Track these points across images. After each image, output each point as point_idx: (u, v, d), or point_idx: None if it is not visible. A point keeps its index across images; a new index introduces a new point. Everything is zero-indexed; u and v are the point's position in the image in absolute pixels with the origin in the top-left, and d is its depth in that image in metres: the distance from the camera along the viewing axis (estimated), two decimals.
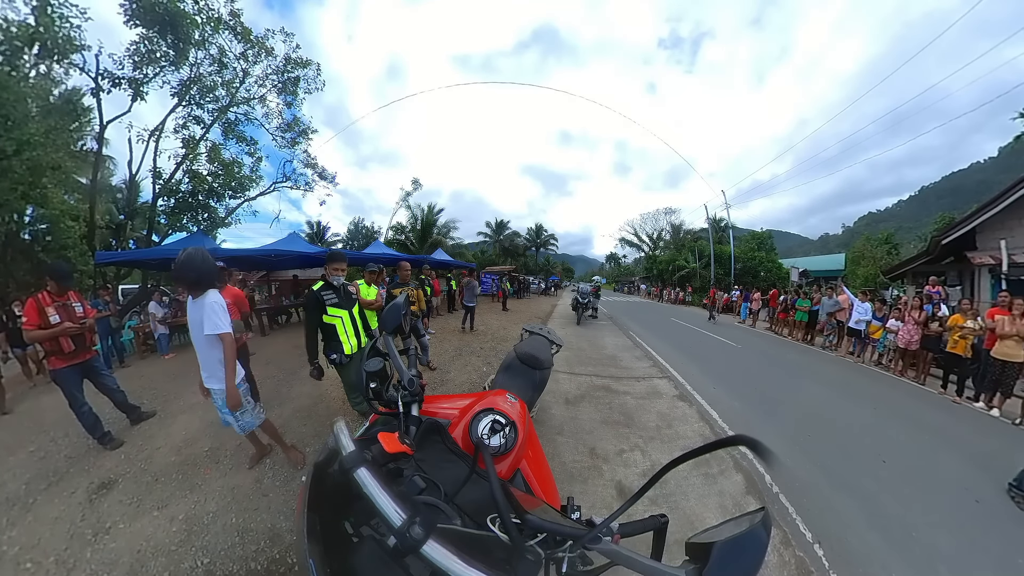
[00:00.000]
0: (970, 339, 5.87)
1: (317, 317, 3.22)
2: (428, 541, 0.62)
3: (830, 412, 4.98)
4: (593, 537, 0.78)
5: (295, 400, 4.61)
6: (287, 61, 15.45)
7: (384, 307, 1.54)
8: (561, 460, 3.32)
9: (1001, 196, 9.48)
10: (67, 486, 2.91)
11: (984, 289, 9.91)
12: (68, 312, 3.55)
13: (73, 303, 3.64)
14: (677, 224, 44.97)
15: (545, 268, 51.01)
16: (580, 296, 12.62)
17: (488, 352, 7.32)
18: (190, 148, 14.31)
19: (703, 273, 31.20)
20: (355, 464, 0.73)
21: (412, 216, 33.47)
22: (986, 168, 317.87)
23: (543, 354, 2.59)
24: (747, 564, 0.62)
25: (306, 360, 3.29)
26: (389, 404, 1.22)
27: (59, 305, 3.51)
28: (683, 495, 2.91)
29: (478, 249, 44.46)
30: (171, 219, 14.74)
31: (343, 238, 39.54)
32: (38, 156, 9.08)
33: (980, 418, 5.08)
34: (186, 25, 11.94)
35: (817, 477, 3.29)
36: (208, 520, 2.52)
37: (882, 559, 2.36)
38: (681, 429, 4.19)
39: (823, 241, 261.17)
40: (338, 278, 3.29)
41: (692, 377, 6.25)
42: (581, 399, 4.95)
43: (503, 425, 1.36)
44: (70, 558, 2.21)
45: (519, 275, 28.22)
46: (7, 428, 4.27)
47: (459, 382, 5.48)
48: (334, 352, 3.25)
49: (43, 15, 9.68)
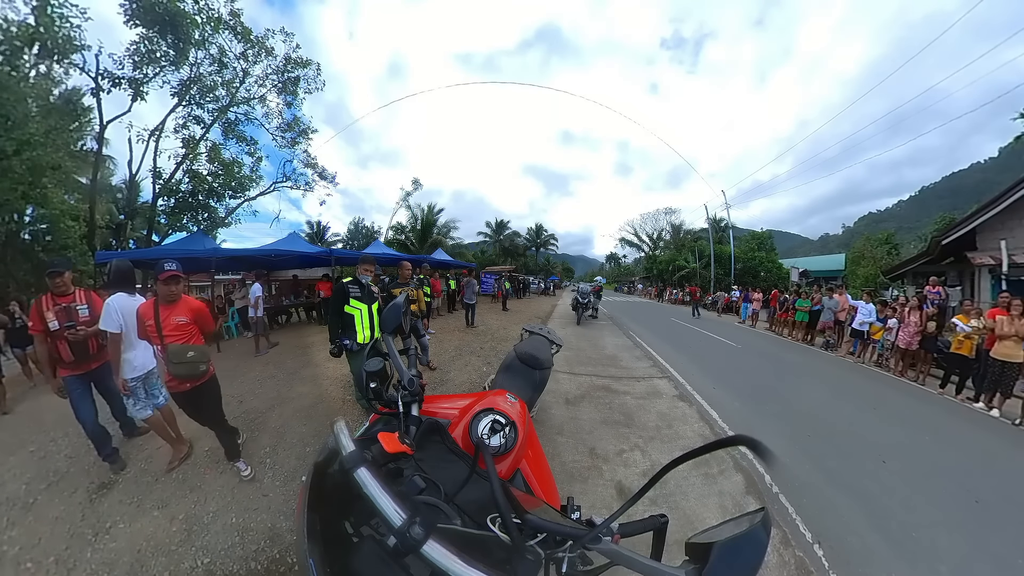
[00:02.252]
0: (974, 339, 5.84)
1: (340, 305, 3.64)
2: (428, 541, 0.62)
3: (830, 412, 4.98)
4: (593, 537, 0.78)
5: (295, 400, 4.61)
6: (287, 61, 15.47)
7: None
8: (561, 460, 3.32)
9: (1001, 196, 9.47)
10: (67, 486, 2.91)
11: (984, 290, 9.90)
12: (70, 315, 3.16)
13: (77, 305, 3.25)
14: (677, 224, 45.04)
15: (545, 268, 51.01)
16: (580, 296, 12.62)
17: (488, 352, 7.32)
18: (190, 148, 14.32)
19: (703, 273, 31.21)
20: (355, 464, 0.73)
21: (412, 216, 33.53)
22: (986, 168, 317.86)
23: (543, 354, 2.59)
24: (747, 564, 0.62)
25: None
26: (389, 404, 1.22)
27: (60, 308, 3.15)
28: (683, 495, 2.91)
29: (478, 249, 44.46)
30: (171, 219, 14.75)
31: (343, 238, 39.56)
32: (38, 156, 9.09)
33: (980, 418, 5.08)
34: (186, 25, 11.95)
35: (817, 477, 3.29)
36: (208, 520, 2.52)
37: (882, 559, 2.36)
38: (681, 429, 4.19)
39: (823, 241, 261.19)
40: (365, 276, 3.79)
41: (692, 377, 6.25)
42: (581, 399, 4.95)
43: (503, 425, 1.36)
44: (70, 558, 2.21)
45: (519, 275, 28.23)
46: (7, 428, 4.27)
47: (459, 382, 5.48)
48: (348, 338, 3.59)
49: (43, 15, 9.69)
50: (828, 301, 10.17)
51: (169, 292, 2.73)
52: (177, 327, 2.73)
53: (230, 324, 9.59)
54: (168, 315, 2.71)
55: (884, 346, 7.96)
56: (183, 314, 2.77)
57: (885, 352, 7.96)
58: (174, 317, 2.72)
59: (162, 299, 2.74)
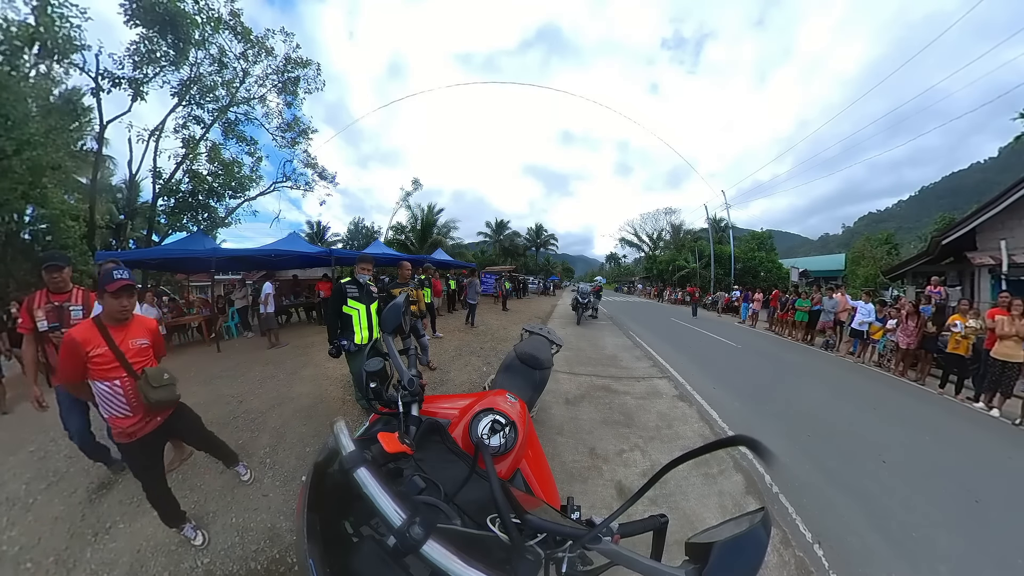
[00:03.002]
0: (971, 339, 5.86)
1: (337, 306, 3.61)
2: (428, 541, 0.62)
3: (830, 412, 4.98)
4: (593, 537, 0.78)
5: (295, 400, 4.61)
6: (287, 61, 15.47)
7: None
8: (561, 460, 3.32)
9: (1001, 196, 9.48)
10: (67, 486, 2.91)
11: (984, 289, 9.91)
12: (61, 315, 2.84)
13: (71, 306, 2.92)
14: (677, 224, 45.08)
15: (545, 268, 51.03)
16: (580, 296, 12.63)
17: (488, 352, 7.32)
18: (190, 148, 14.32)
19: (703, 273, 31.21)
20: (355, 464, 0.73)
21: (412, 216, 33.55)
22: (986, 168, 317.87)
23: (543, 354, 2.59)
24: (747, 564, 0.62)
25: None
26: (389, 404, 1.22)
27: (52, 307, 2.82)
28: (683, 495, 2.91)
29: (478, 249, 44.48)
30: (171, 219, 14.76)
31: (343, 238, 39.56)
32: (38, 156, 9.09)
33: (980, 418, 5.08)
34: (186, 25, 11.96)
35: (817, 477, 3.29)
36: (208, 520, 2.52)
37: (882, 559, 2.36)
38: (681, 429, 4.19)
39: (823, 241, 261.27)
40: (363, 276, 3.72)
41: (692, 377, 6.25)
42: (581, 399, 4.95)
43: (503, 425, 1.36)
44: (70, 558, 2.21)
45: (518, 275, 28.25)
46: (7, 428, 4.27)
47: (459, 382, 5.48)
48: (346, 339, 3.55)
49: (43, 15, 9.69)
50: (828, 301, 10.18)
51: (121, 308, 2.08)
52: (140, 352, 2.17)
53: (230, 324, 9.61)
54: (125, 338, 2.11)
55: (886, 346, 7.97)
56: (141, 335, 2.21)
57: (886, 352, 7.96)
58: (133, 340, 2.15)
59: (110, 317, 2.09)
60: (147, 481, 2.24)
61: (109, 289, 2.01)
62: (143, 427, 2.18)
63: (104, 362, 2.03)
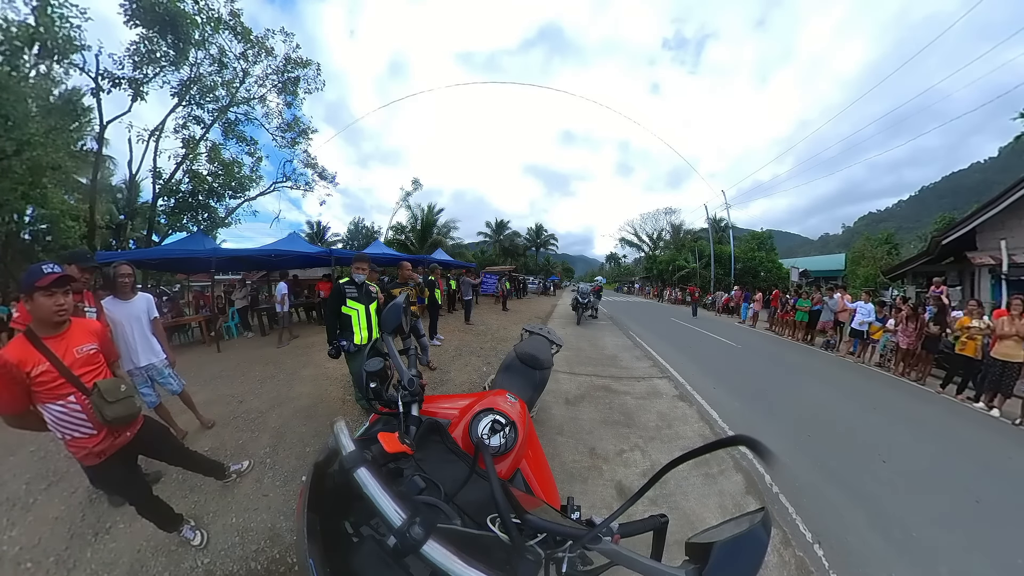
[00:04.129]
0: (979, 340, 5.80)
1: (336, 306, 3.60)
2: (428, 541, 0.62)
3: (830, 412, 4.98)
4: (593, 537, 0.78)
5: (295, 400, 4.61)
6: (287, 61, 15.47)
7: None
8: (561, 460, 3.32)
9: (1001, 196, 9.48)
10: (67, 486, 2.90)
11: (984, 289, 9.91)
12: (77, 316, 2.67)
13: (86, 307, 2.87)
14: (677, 224, 45.09)
15: (545, 268, 51.03)
16: (580, 296, 12.63)
17: (488, 352, 7.31)
18: (190, 148, 14.32)
19: (703, 273, 31.21)
20: (355, 464, 0.73)
21: (412, 216, 33.56)
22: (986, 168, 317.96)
23: (543, 354, 2.58)
24: (747, 564, 0.62)
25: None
26: (389, 404, 1.22)
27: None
28: (683, 495, 2.91)
29: (478, 249, 44.49)
30: (171, 219, 14.76)
31: (343, 238, 39.61)
32: (38, 156, 9.10)
33: (980, 418, 5.08)
34: (186, 25, 11.96)
35: (817, 477, 3.29)
36: (208, 520, 2.52)
37: (882, 559, 2.36)
38: (681, 429, 4.19)
39: (823, 241, 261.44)
40: (360, 276, 3.68)
41: (692, 377, 6.25)
42: (581, 399, 4.95)
43: (503, 425, 1.36)
44: (70, 558, 2.21)
45: (518, 275, 28.24)
46: (7, 428, 4.26)
47: (459, 382, 5.48)
48: (345, 340, 3.55)
49: (43, 15, 9.69)
50: (828, 301, 10.18)
51: (57, 308, 1.73)
52: (88, 360, 1.86)
53: (230, 324, 9.60)
54: (68, 347, 1.80)
55: (886, 346, 7.96)
56: (86, 339, 1.89)
57: (886, 352, 7.96)
58: (78, 348, 1.83)
59: (45, 324, 1.75)
60: (132, 497, 2.10)
61: (39, 285, 1.65)
62: (112, 443, 1.93)
63: (49, 380, 1.71)
